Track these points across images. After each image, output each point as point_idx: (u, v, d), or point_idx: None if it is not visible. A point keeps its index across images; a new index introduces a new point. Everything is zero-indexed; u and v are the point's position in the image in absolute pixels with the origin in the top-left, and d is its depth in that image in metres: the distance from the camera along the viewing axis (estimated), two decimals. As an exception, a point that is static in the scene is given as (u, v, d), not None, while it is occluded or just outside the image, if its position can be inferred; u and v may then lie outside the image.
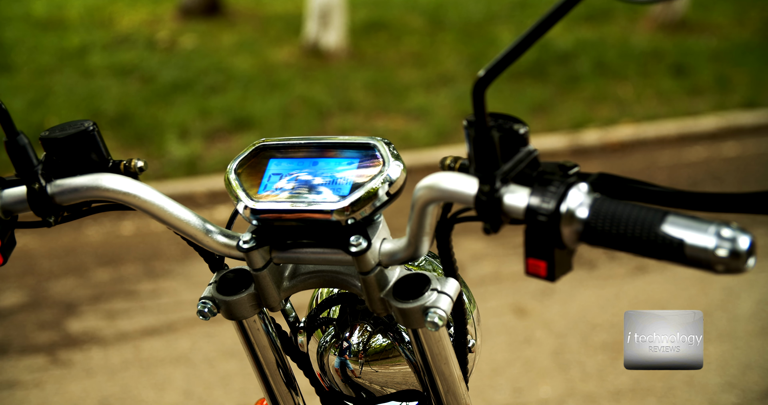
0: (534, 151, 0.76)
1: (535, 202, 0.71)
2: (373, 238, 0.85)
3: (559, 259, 0.72)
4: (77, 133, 0.94)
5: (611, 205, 0.69)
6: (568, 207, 0.70)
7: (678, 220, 0.66)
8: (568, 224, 0.70)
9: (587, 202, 0.70)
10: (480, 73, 0.70)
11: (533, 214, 0.71)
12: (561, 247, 0.71)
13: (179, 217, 0.92)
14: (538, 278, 0.74)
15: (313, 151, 0.92)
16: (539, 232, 0.71)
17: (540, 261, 0.72)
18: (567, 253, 0.73)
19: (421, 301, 0.84)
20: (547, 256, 0.72)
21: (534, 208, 0.71)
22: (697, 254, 0.64)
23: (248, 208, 0.88)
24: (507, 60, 0.69)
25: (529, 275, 0.74)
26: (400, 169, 0.86)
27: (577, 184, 0.72)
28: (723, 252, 0.63)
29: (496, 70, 0.70)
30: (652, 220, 0.66)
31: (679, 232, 0.65)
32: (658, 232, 0.66)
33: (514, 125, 0.76)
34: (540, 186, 0.72)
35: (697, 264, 0.65)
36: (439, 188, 0.78)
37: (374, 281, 0.86)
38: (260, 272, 0.89)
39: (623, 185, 0.75)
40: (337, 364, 0.98)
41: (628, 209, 0.68)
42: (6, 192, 0.95)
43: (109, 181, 0.93)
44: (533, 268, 0.73)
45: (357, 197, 0.84)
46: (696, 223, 0.65)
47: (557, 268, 0.72)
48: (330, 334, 0.99)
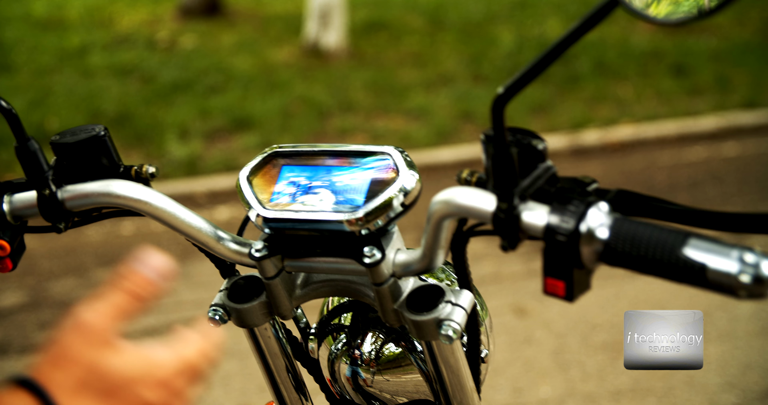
0: (552, 168, 0.75)
1: (555, 221, 0.70)
2: (387, 249, 0.84)
3: (577, 279, 0.71)
4: (88, 138, 0.93)
5: (632, 225, 0.68)
6: (588, 227, 0.69)
7: (700, 243, 0.65)
8: (587, 244, 0.69)
9: (607, 222, 0.69)
10: (499, 90, 0.69)
11: (552, 234, 0.70)
12: (580, 267, 0.70)
13: (191, 224, 0.91)
14: (556, 298, 0.72)
15: (326, 158, 0.90)
16: (558, 252, 0.70)
17: (558, 281, 0.71)
18: (585, 272, 0.72)
19: (435, 314, 0.83)
20: (566, 275, 0.71)
21: (553, 227, 0.70)
22: (720, 279, 0.63)
23: (260, 216, 0.86)
24: (526, 78, 0.68)
25: (547, 294, 0.73)
26: (415, 180, 0.85)
27: (597, 204, 0.70)
28: (746, 278, 0.62)
29: (515, 88, 0.69)
30: (674, 242, 0.65)
31: (702, 255, 0.64)
32: (679, 255, 0.65)
33: (533, 141, 0.75)
34: (559, 204, 0.71)
35: (719, 289, 0.64)
36: (455, 204, 0.77)
37: (388, 292, 0.85)
38: (272, 281, 0.88)
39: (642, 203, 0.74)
40: (348, 373, 0.97)
41: (649, 230, 0.67)
42: (16, 197, 0.95)
43: (120, 188, 0.92)
44: (551, 288, 0.72)
45: (371, 208, 0.83)
46: (719, 247, 0.64)
47: (576, 288, 0.71)
48: (341, 342, 0.98)
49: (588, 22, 0.64)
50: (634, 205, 0.74)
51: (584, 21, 0.64)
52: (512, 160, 0.72)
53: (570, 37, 0.65)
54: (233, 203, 4.62)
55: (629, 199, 0.74)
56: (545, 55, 0.67)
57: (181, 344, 0.68)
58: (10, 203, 0.94)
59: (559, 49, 0.66)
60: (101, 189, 0.92)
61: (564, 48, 0.66)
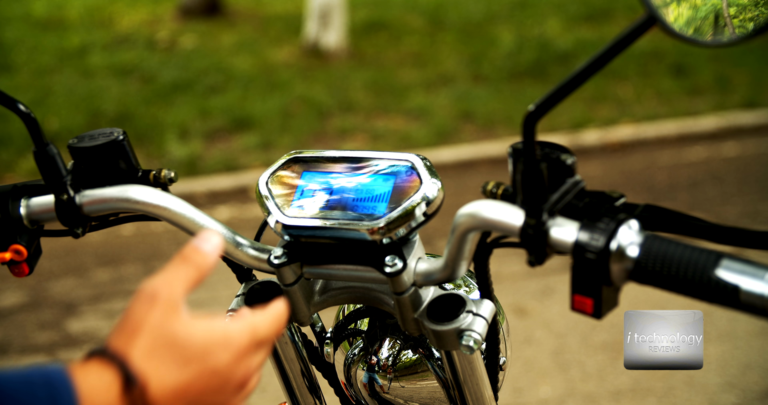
0: (580, 182, 0.75)
1: (584, 238, 0.70)
2: (408, 258, 0.83)
3: (605, 296, 0.71)
4: (107, 143, 0.92)
5: (663, 244, 0.67)
6: (618, 245, 0.68)
7: (733, 264, 0.64)
8: (617, 262, 0.68)
9: (638, 241, 0.68)
10: (531, 108, 0.69)
11: (582, 251, 0.69)
12: (608, 284, 0.70)
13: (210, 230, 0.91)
14: (583, 314, 0.72)
15: (347, 165, 0.89)
16: (587, 269, 0.70)
17: (587, 298, 0.71)
18: (614, 289, 0.71)
19: (456, 324, 0.82)
20: (595, 293, 0.70)
21: (583, 244, 0.69)
22: (753, 301, 0.63)
23: (279, 222, 0.85)
24: (558, 95, 0.68)
25: (574, 311, 0.72)
26: (437, 188, 0.84)
27: (628, 221, 0.70)
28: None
29: (547, 105, 0.69)
30: (706, 262, 0.65)
31: (734, 277, 0.63)
32: (711, 276, 0.64)
33: (562, 155, 0.75)
34: (589, 221, 0.70)
35: (752, 310, 0.63)
36: (482, 218, 0.76)
37: (408, 301, 0.84)
38: (291, 287, 0.87)
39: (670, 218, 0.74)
40: (365, 379, 0.96)
41: (681, 249, 0.66)
42: (33, 201, 0.94)
43: (138, 193, 0.91)
44: (579, 305, 0.72)
45: (394, 217, 0.82)
46: (752, 268, 0.63)
47: (604, 305, 0.71)
48: (358, 347, 0.97)
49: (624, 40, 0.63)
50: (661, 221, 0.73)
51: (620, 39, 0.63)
52: (542, 175, 0.72)
53: (605, 55, 0.64)
54: (233, 203, 4.62)
55: (657, 215, 0.74)
56: (578, 74, 0.66)
57: (251, 317, 0.70)
58: (27, 207, 0.94)
59: (592, 68, 0.65)
60: (119, 194, 0.91)
61: (598, 67, 0.65)
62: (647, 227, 0.71)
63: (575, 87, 0.67)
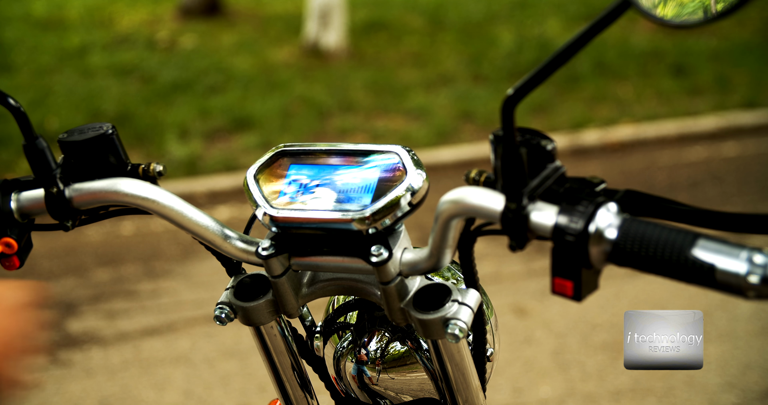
0: (561, 168, 0.75)
1: (563, 221, 0.70)
2: (394, 248, 0.84)
3: (585, 279, 0.71)
4: (96, 137, 0.94)
5: (640, 226, 0.68)
6: (596, 227, 0.69)
7: (709, 244, 0.65)
8: (596, 245, 0.69)
9: (616, 223, 0.69)
10: (509, 92, 0.70)
11: (561, 234, 0.70)
12: (588, 267, 0.70)
13: (198, 222, 0.91)
14: (564, 297, 0.73)
15: (334, 157, 0.91)
16: (567, 252, 0.70)
17: (567, 281, 0.72)
18: (594, 272, 0.72)
19: (441, 313, 0.83)
20: (574, 276, 0.71)
21: (562, 227, 0.70)
22: (728, 279, 0.63)
23: (267, 214, 0.86)
24: (536, 79, 0.68)
25: (555, 294, 0.73)
26: (422, 179, 0.86)
27: (606, 204, 0.70)
28: (755, 278, 0.62)
29: (525, 89, 0.69)
30: (682, 243, 0.65)
31: (710, 256, 0.64)
32: (688, 256, 0.65)
33: (542, 141, 0.76)
34: (568, 205, 0.71)
35: (728, 289, 0.64)
36: (464, 203, 0.77)
37: (394, 291, 0.85)
38: (279, 279, 0.88)
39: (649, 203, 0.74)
40: (354, 371, 0.97)
41: (658, 231, 0.67)
42: (23, 195, 0.95)
43: (128, 186, 0.92)
44: (560, 288, 0.72)
45: (379, 207, 0.83)
46: (727, 247, 0.64)
47: (584, 288, 0.72)
48: (347, 340, 0.98)
49: (599, 23, 0.64)
50: (642, 206, 0.74)
51: (595, 22, 0.64)
52: (521, 160, 0.73)
53: (581, 38, 0.65)
54: (233, 203, 4.62)
55: (637, 200, 0.74)
56: (555, 57, 0.67)
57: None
58: (17, 201, 0.95)
59: (569, 51, 0.66)
60: (109, 187, 0.92)
61: (575, 50, 0.66)
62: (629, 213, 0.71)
63: (553, 71, 0.67)
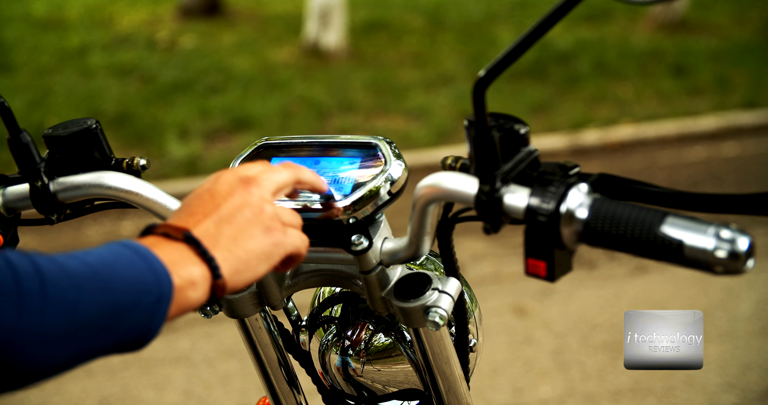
0: (534, 151, 0.76)
1: (535, 202, 0.71)
2: (374, 237, 0.86)
3: (558, 260, 0.72)
4: (80, 131, 0.94)
5: (611, 205, 0.69)
6: (567, 207, 0.70)
7: (677, 221, 0.66)
8: (567, 224, 0.70)
9: (587, 203, 0.70)
10: (480, 74, 0.70)
11: (533, 215, 0.71)
12: (561, 247, 0.71)
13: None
14: (537, 278, 0.74)
15: (315, 150, 0.93)
16: (539, 233, 0.71)
17: (540, 261, 0.72)
18: (567, 253, 0.73)
19: (422, 301, 0.84)
20: (547, 256, 0.72)
21: (534, 208, 0.71)
22: (696, 255, 0.64)
23: None
24: (507, 60, 0.69)
25: (528, 275, 0.74)
26: (402, 169, 0.87)
27: (577, 185, 0.72)
28: (722, 253, 0.63)
29: (496, 71, 0.70)
30: (652, 220, 0.66)
31: (679, 233, 0.65)
32: (657, 233, 0.66)
33: (515, 125, 0.77)
34: (540, 186, 0.72)
35: (696, 265, 0.65)
36: (439, 188, 0.78)
37: (375, 280, 0.86)
38: None
39: (624, 186, 0.75)
40: (338, 363, 0.99)
41: (628, 210, 0.68)
42: (9, 190, 0.96)
43: (112, 179, 0.93)
44: (533, 269, 0.73)
45: (359, 196, 0.85)
46: (695, 224, 0.65)
47: (557, 269, 0.72)
48: (332, 333, 1.00)
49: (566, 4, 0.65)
50: (615, 188, 0.75)
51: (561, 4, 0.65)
52: (494, 143, 0.73)
53: (549, 18, 0.66)
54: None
55: (611, 182, 0.76)
56: (525, 38, 0.68)
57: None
58: (3, 196, 0.96)
59: (537, 31, 0.67)
60: (93, 180, 0.93)
61: (542, 31, 0.67)
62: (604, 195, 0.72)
63: (523, 51, 0.69)
